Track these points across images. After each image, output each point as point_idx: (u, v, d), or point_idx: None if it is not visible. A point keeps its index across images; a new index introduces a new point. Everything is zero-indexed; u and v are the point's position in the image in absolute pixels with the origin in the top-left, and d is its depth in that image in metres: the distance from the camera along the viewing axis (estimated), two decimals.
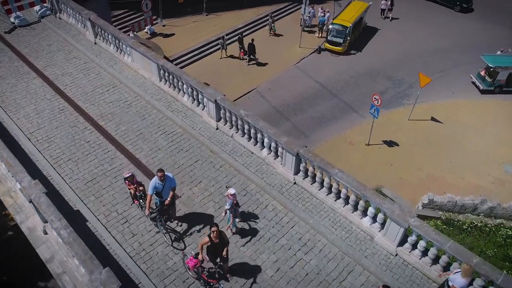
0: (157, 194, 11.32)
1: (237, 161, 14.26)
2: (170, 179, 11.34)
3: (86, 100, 16.55)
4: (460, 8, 35.38)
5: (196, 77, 26.59)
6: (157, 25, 30.30)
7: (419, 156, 22.18)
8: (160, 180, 11.06)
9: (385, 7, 34.38)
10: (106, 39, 18.49)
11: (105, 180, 13.63)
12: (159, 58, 16.21)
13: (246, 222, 12.52)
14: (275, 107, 25.28)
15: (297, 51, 29.72)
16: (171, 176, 11.41)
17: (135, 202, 12.51)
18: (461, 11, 35.34)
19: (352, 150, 22.73)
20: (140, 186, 12.26)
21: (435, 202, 17.46)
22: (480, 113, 25.19)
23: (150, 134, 15.28)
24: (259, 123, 13.75)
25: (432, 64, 28.81)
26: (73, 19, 20.07)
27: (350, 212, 12.59)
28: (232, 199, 11.54)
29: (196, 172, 14.00)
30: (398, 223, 11.20)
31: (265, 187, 13.50)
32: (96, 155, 14.44)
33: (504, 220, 17.37)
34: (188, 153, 14.66)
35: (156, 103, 16.35)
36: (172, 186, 11.40)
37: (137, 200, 12.36)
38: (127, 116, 15.95)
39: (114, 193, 13.25)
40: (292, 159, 13.18)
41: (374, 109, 21.34)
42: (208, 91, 14.79)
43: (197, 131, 15.30)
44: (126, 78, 17.47)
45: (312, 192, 13.24)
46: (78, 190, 13.26)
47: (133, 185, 12.21)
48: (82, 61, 18.43)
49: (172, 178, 11.42)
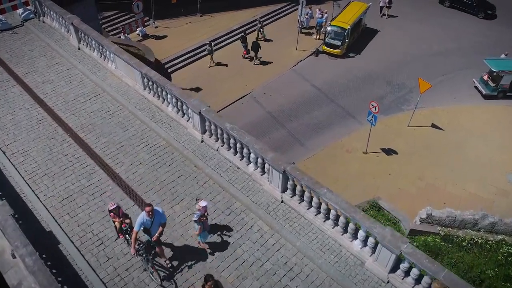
0: (144, 230, 10.40)
1: (222, 177, 13.47)
2: (160, 214, 10.39)
3: (66, 109, 15.79)
4: (484, 14, 33.91)
5: (189, 81, 26.25)
6: (149, 26, 29.44)
7: (418, 164, 21.33)
8: (148, 216, 10.13)
9: (384, 5, 33.50)
10: (89, 45, 17.72)
11: (82, 197, 12.89)
12: (142, 65, 15.41)
13: (229, 245, 11.75)
14: (270, 112, 24.44)
15: (294, 53, 28.82)
16: (160, 211, 10.46)
17: (120, 236, 11.58)
18: (485, 17, 33.92)
19: (349, 159, 21.91)
20: (126, 219, 11.30)
21: (433, 217, 16.61)
22: (483, 119, 24.28)
23: (132, 147, 14.51)
24: (244, 137, 12.96)
25: (433, 68, 27.88)
26: (56, 23, 19.30)
27: (339, 234, 11.79)
28: (202, 212, 10.98)
29: (179, 189, 13.23)
30: (389, 249, 10.44)
31: (251, 205, 12.72)
32: (74, 170, 13.68)
33: (505, 237, 16.50)
34: (171, 167, 13.88)
35: (139, 114, 15.57)
36: (162, 222, 10.43)
37: (123, 234, 11.43)
38: (109, 127, 15.18)
39: (91, 212, 12.51)
40: (279, 176, 12.37)
41: (372, 116, 20.51)
42: (192, 102, 14.00)
43: (181, 143, 14.52)
44: (110, 86, 16.69)
45: (300, 211, 12.45)
46: (52, 208, 12.51)
47: (118, 218, 11.27)
48: (65, 67, 17.66)
49: (161, 213, 10.46)
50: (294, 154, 21.89)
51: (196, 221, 11.00)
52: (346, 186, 20.36)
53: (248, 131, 22.65)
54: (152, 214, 10.16)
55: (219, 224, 12.24)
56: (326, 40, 28.52)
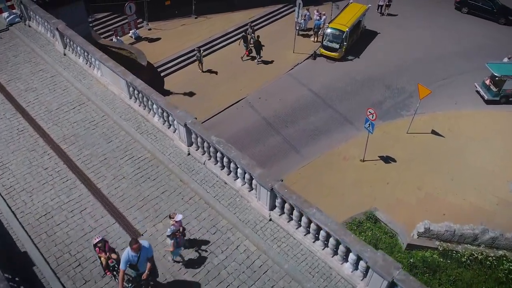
0: (131, 266, 9.72)
1: (209, 193, 12.84)
2: (146, 249, 9.68)
3: (49, 119, 15.17)
4: (505, 20, 32.81)
5: (182, 85, 25.57)
6: (142, 28, 28.73)
7: (417, 173, 20.69)
8: (134, 252, 9.44)
9: (383, 3, 32.76)
10: (75, 51, 17.08)
11: (60, 214, 12.27)
12: (127, 74, 14.77)
13: (214, 266, 11.12)
14: (265, 118, 23.77)
15: (291, 56, 28.12)
16: (146, 246, 9.74)
17: (107, 273, 10.77)
18: (506, 23, 32.86)
19: (346, 167, 21.27)
20: (113, 254, 10.47)
21: (431, 231, 15.96)
22: (485, 125, 23.61)
23: (116, 160, 13.88)
24: (231, 152, 12.32)
25: (434, 71, 27.19)
26: (42, 27, 18.66)
27: (329, 256, 11.15)
28: (177, 226, 10.49)
29: (162, 205, 12.60)
30: (381, 275, 9.76)
31: (238, 224, 12.07)
32: (54, 184, 13.06)
33: (507, 252, 15.84)
34: (155, 182, 13.25)
35: (124, 124, 14.94)
36: (149, 256, 9.76)
37: (110, 271, 10.65)
38: (92, 138, 14.56)
39: (69, 231, 11.89)
40: (266, 193, 11.72)
41: (369, 124, 19.87)
42: (177, 114, 13.35)
43: (167, 156, 13.88)
44: (95, 95, 16.06)
45: (289, 231, 11.80)
46: (29, 226, 11.90)
47: (104, 253, 10.44)
48: (49, 74, 17.03)
49: (147, 247, 9.74)
50: (289, 162, 21.31)
51: (170, 236, 10.45)
52: (342, 195, 19.76)
53: (242, 138, 22.45)
54: (139, 250, 9.51)
55: (204, 244, 11.61)
56: (324, 43, 27.80)
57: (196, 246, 11.55)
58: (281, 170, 20.64)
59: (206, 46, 27.61)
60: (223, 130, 22.70)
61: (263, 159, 21.19)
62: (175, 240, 10.53)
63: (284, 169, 20.89)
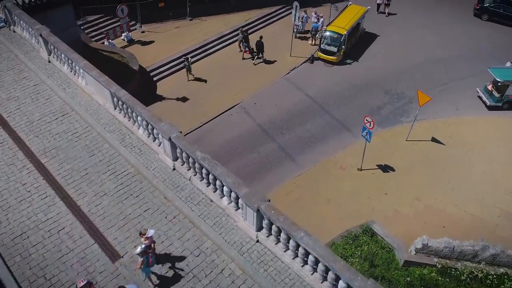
0: None
1: (194, 211, 12.21)
2: None
3: (30, 131, 14.55)
4: None
5: (176, 89, 24.83)
6: (135, 31, 28.01)
7: (417, 183, 19.98)
8: None
9: (381, 2, 32.01)
10: (59, 58, 16.44)
11: (37, 234, 11.68)
12: (111, 84, 14.11)
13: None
14: (260, 125, 23.08)
15: (288, 60, 27.38)
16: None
17: None
18: None
19: (343, 176, 20.57)
20: None
21: (429, 247, 15.27)
22: (487, 132, 22.87)
23: (97, 175, 13.25)
24: (216, 169, 11.65)
25: (434, 76, 26.44)
26: (27, 33, 18.02)
27: (319, 282, 10.49)
28: (148, 243, 10.02)
29: (145, 224, 11.97)
30: None
31: (223, 245, 11.44)
32: (31, 201, 12.46)
33: (508, 270, 15.14)
34: (138, 199, 12.63)
35: (108, 136, 14.30)
36: None
37: None
38: (74, 151, 13.93)
39: (45, 252, 11.29)
40: (253, 214, 11.07)
41: (366, 132, 19.18)
42: (162, 127, 12.71)
43: (151, 171, 13.24)
44: (79, 104, 15.43)
45: (276, 253, 11.16)
46: (3, 248, 11.32)
47: None
48: (32, 82, 16.41)
49: None
50: (284, 171, 20.64)
51: (139, 254, 9.90)
52: (339, 206, 19.09)
53: (236, 146, 21.78)
54: None
55: (187, 267, 10.99)
56: (322, 46, 27.04)
57: (178, 270, 10.93)
58: (276, 180, 20.02)
59: (201, 50, 26.85)
60: (216, 137, 22.10)
61: (257, 168, 20.58)
62: (145, 258, 10.01)
63: (279, 178, 20.24)
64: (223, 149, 21.48)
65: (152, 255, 10.25)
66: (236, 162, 20.76)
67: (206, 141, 21.89)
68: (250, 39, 27.22)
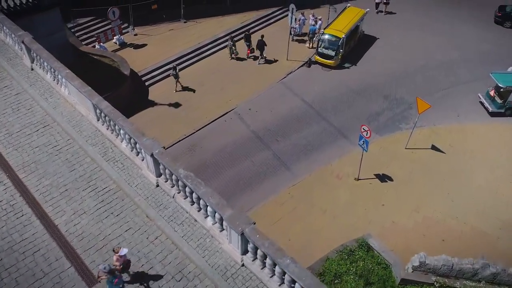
0: None
1: (176, 232, 11.56)
2: None
3: (9, 143, 13.91)
4: None
5: (168, 94, 24.11)
6: (128, 34, 27.28)
7: (415, 193, 19.33)
8: None
9: (380, 1, 31.36)
10: (42, 66, 15.80)
11: (10, 257, 11.05)
12: (94, 95, 13.47)
13: None
14: (254, 131, 22.40)
15: (284, 64, 26.65)
16: None
17: None
18: None
19: (339, 186, 19.92)
20: None
21: (427, 265, 14.59)
22: (489, 140, 22.18)
23: (77, 192, 12.61)
24: (200, 189, 10.99)
25: (435, 81, 25.70)
26: (10, 39, 17.37)
27: None
28: (120, 262, 9.60)
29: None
30: None
31: (207, 269, 10.79)
32: (7, 220, 11.84)
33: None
34: (119, 218, 11.99)
35: (90, 149, 13.65)
36: None
37: None
38: (54, 166, 13.29)
39: (18, 276, 10.67)
40: (237, 237, 10.42)
41: (363, 141, 18.48)
42: (144, 142, 12.06)
43: (134, 188, 12.60)
44: (61, 115, 14.78)
45: (262, 279, 10.51)
46: None
47: None
48: (14, 91, 15.76)
49: None
50: (279, 180, 20.00)
51: (107, 273, 9.41)
52: (334, 218, 18.47)
53: (230, 153, 21.10)
54: None
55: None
56: (319, 50, 26.30)
57: None
58: (270, 189, 19.43)
59: (194, 54, 26.15)
60: (210, 144, 21.47)
61: (251, 176, 19.96)
62: (112, 278, 9.50)
63: (274, 187, 19.63)
64: (216, 156, 20.86)
65: (119, 277, 9.66)
66: (230, 170, 20.15)
67: (199, 148, 21.29)
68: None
